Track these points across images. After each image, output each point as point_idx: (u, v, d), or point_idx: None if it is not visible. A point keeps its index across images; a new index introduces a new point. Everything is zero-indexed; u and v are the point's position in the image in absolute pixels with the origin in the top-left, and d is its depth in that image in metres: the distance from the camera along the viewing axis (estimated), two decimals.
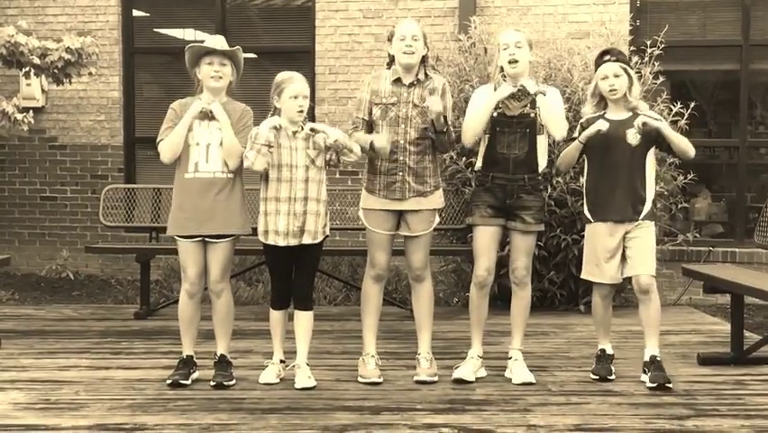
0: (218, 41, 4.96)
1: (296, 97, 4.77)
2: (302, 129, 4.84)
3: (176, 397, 4.69)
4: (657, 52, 7.18)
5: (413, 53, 4.90)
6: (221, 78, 4.90)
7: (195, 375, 5.00)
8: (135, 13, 9.21)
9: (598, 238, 5.01)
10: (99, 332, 6.49)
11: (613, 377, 5.06)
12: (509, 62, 4.90)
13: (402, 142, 4.96)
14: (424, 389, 4.86)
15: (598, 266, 5.04)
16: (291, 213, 4.80)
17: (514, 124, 4.91)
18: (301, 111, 4.80)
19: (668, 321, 6.78)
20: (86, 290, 8.51)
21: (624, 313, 6.69)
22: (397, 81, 4.98)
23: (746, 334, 5.73)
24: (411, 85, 4.97)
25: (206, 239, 4.89)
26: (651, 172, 5.01)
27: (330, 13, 8.72)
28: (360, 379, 5.00)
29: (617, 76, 4.92)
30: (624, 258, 5.01)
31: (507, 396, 4.71)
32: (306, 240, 4.83)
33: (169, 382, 4.90)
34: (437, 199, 5.10)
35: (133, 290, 8.12)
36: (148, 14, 9.37)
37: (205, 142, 4.87)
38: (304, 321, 4.99)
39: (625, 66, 4.96)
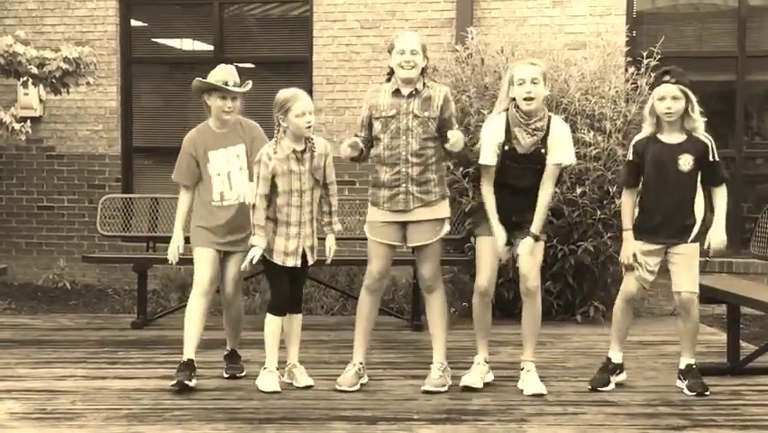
0: (232, 75, 5.07)
1: (303, 114, 4.85)
2: (307, 149, 4.91)
3: (173, 407, 4.68)
4: (653, 63, 7.20)
5: (412, 68, 4.92)
6: (232, 111, 5.08)
7: (194, 381, 5.01)
8: (133, 22, 9.22)
9: (636, 246, 4.98)
10: (96, 342, 6.48)
11: (608, 388, 5.06)
12: (525, 99, 4.85)
13: (404, 153, 4.97)
14: (421, 399, 4.86)
15: (636, 267, 4.97)
16: (302, 235, 4.97)
17: (524, 161, 4.92)
18: (309, 126, 4.90)
19: (664, 331, 6.80)
20: (83, 299, 8.51)
21: None
22: (396, 93, 4.99)
23: (743, 344, 5.74)
24: (410, 95, 4.98)
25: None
26: (700, 194, 5.00)
27: (328, 24, 8.74)
28: (336, 386, 5.05)
29: (675, 98, 4.81)
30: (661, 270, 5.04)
31: (504, 406, 4.71)
32: (313, 257, 5.08)
33: (173, 383, 4.94)
34: (443, 209, 5.10)
35: (130, 300, 8.12)
36: (146, 24, 9.39)
37: (226, 170, 5.11)
38: (297, 323, 5.14)
39: (684, 89, 4.84)
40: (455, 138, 4.87)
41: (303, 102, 4.87)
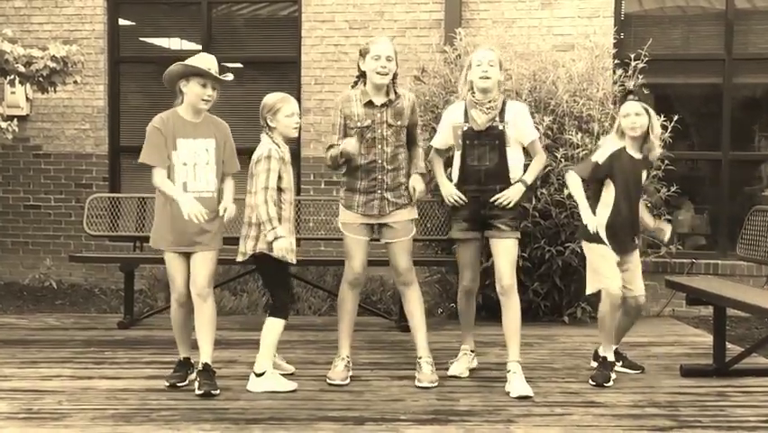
0: (213, 64, 4.97)
1: (292, 115, 5.01)
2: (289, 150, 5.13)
3: (159, 407, 4.67)
4: (641, 65, 7.23)
5: (386, 74, 5.10)
6: (210, 101, 4.99)
7: (192, 376, 5.08)
8: (121, 22, 9.20)
9: (608, 254, 5.22)
10: (82, 341, 6.45)
11: (610, 384, 5.17)
12: (480, 77, 5.08)
13: (379, 161, 5.15)
14: (408, 399, 4.86)
15: (609, 275, 5.20)
16: (292, 231, 5.07)
17: (482, 137, 5.08)
18: (296, 128, 5.06)
19: (651, 333, 6.84)
20: (70, 299, 8.47)
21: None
22: (369, 103, 5.14)
23: (729, 346, 5.76)
24: (383, 105, 5.15)
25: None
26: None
27: (316, 24, 8.74)
28: (327, 381, 5.16)
29: (638, 114, 5.22)
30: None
31: (491, 407, 4.72)
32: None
33: (167, 384, 5.00)
34: (413, 212, 5.31)
35: (117, 300, 8.09)
36: (134, 23, 9.36)
37: (192, 161, 4.97)
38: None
39: (646, 106, 5.26)
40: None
41: (292, 104, 5.06)
